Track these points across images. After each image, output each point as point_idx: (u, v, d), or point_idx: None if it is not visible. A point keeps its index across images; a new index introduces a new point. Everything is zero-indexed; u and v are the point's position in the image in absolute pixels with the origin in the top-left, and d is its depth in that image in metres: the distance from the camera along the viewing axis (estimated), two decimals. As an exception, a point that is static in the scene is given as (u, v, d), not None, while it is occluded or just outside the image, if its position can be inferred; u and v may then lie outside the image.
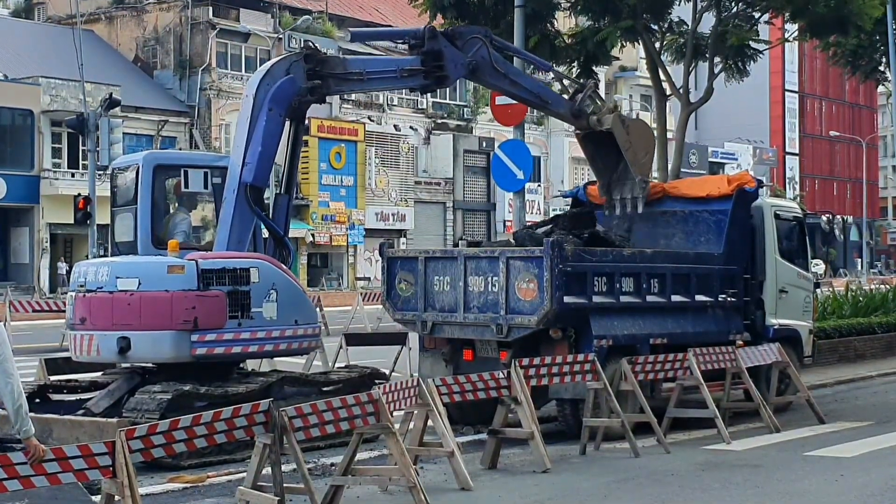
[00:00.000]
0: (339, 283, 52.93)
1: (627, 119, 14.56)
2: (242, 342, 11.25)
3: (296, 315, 11.66)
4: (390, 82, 13.72)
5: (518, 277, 12.17)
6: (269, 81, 11.82)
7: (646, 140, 14.58)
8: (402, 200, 56.30)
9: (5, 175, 43.91)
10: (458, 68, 13.13)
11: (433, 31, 13.14)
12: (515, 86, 13.89)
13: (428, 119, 59.80)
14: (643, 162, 14.33)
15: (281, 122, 11.89)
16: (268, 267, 11.55)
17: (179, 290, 10.91)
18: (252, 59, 52.46)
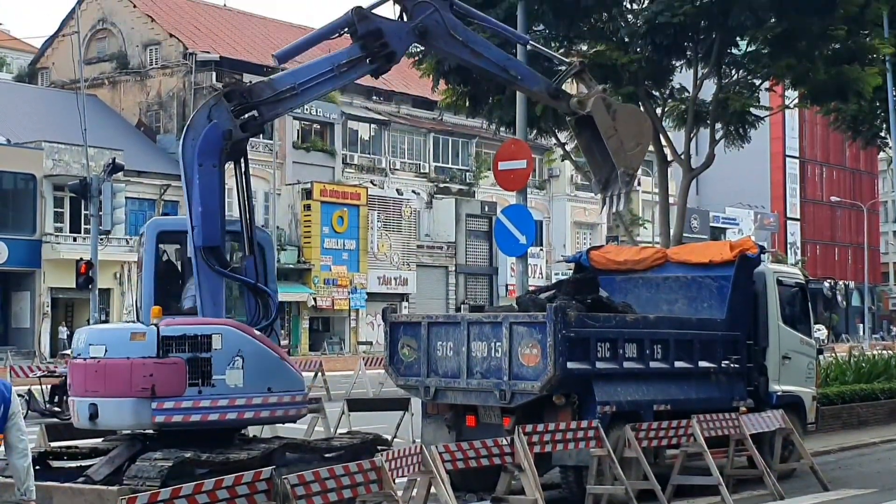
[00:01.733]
0: (341, 348, 52.80)
1: (615, 103, 13.37)
2: (203, 410, 10.94)
3: (269, 382, 11.25)
4: (331, 83, 12.34)
5: (521, 343, 12.13)
6: (192, 136, 11.49)
7: (636, 128, 13.36)
8: (405, 264, 56.36)
9: (7, 239, 44.02)
10: (402, 39, 12.24)
11: (361, 11, 12.14)
12: (477, 56, 12.68)
13: (430, 183, 60.07)
14: (631, 153, 13.18)
15: (216, 173, 11.50)
16: (233, 333, 11.21)
17: (139, 357, 10.82)
18: (255, 124, 52.78)
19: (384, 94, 60.35)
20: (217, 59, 52.08)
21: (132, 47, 54.89)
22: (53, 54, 57.82)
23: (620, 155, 13.08)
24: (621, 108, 13.35)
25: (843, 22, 19.12)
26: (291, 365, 11.79)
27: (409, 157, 60.02)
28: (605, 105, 12.99)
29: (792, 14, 18.61)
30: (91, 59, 54.48)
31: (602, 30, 20.09)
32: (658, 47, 18.67)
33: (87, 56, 53.17)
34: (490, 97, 20.10)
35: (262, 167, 52.36)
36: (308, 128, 55.73)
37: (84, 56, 48.99)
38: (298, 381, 11.78)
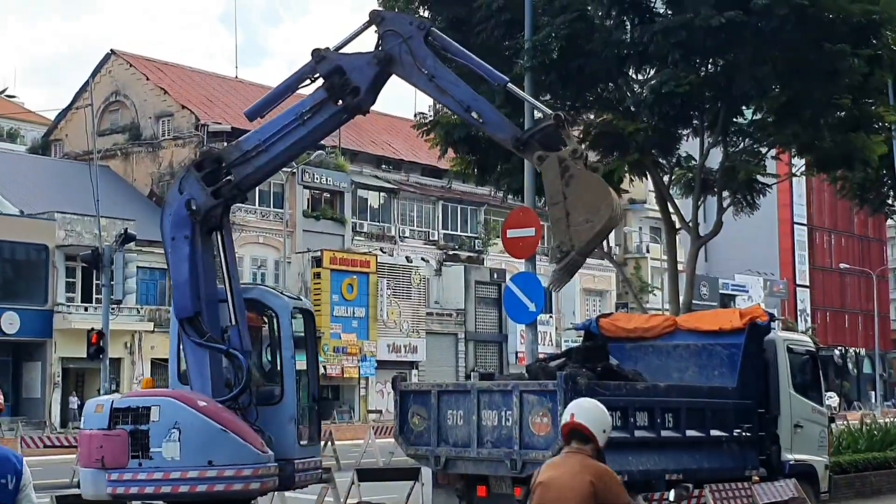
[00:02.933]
0: (351, 416, 52.57)
1: (577, 169, 11.08)
2: (143, 483, 11.00)
3: (209, 455, 10.98)
4: (297, 133, 11.75)
5: (532, 411, 12.09)
6: (168, 211, 11.78)
7: (592, 203, 11.04)
8: (414, 331, 56.31)
9: (19, 310, 44.14)
10: (364, 71, 11.57)
11: (318, 53, 11.69)
12: (442, 92, 11.70)
13: (439, 250, 60.23)
14: (575, 228, 11.06)
15: (187, 244, 11.60)
16: (171, 404, 11.12)
17: (95, 429, 11.21)
18: (266, 193, 53.20)
19: (393, 162, 60.80)
20: (229, 130, 52.56)
21: (145, 119, 55.50)
22: (67, 126, 58.47)
23: (560, 227, 11.18)
24: (582, 177, 11.10)
25: (848, 90, 19.26)
26: (244, 437, 11.19)
27: (419, 224, 60.26)
28: (560, 168, 11.13)
29: (795, 83, 18.79)
30: (104, 130, 55.06)
31: (609, 99, 20.31)
32: (664, 116, 18.85)
33: (100, 128, 53.76)
34: (498, 165, 20.30)
35: (273, 235, 52.63)
36: (318, 196, 56.06)
37: (97, 128, 49.56)
38: (250, 453, 11.18)
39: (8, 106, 71.82)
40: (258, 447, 11.23)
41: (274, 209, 53.47)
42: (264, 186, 53.45)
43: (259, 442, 11.31)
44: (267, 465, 11.27)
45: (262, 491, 11.45)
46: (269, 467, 11.27)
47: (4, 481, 6.24)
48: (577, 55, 18.13)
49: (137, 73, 56.09)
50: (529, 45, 17.67)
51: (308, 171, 54.34)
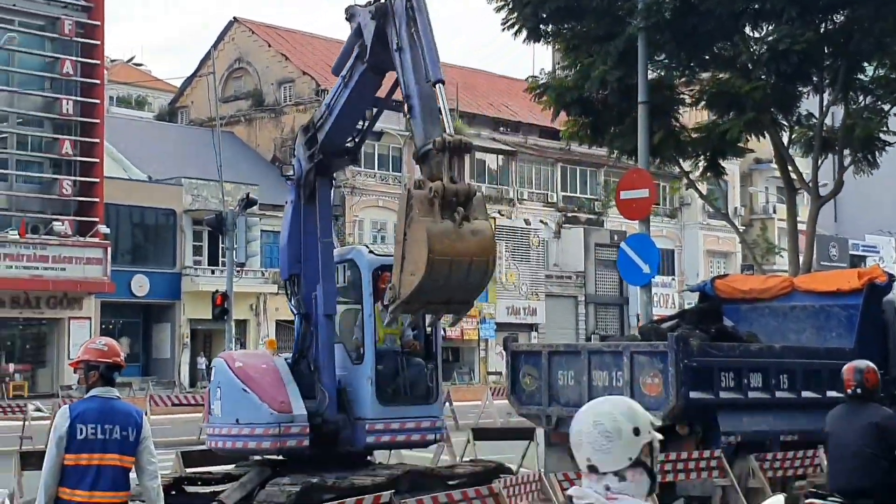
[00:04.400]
0: (471, 378, 53.01)
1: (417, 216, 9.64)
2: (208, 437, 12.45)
3: (237, 413, 11.65)
4: (345, 96, 11.62)
5: (643, 372, 12.14)
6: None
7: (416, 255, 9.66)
8: (533, 294, 56.38)
9: (149, 273, 45.64)
10: (368, 27, 11.23)
11: (348, 10, 11.54)
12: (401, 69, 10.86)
13: (558, 213, 60.04)
14: (405, 278, 9.76)
15: (290, 209, 12.22)
16: (219, 365, 12.14)
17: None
18: (385, 157, 53.76)
19: (511, 124, 60.70)
20: (347, 95, 53.23)
21: (267, 85, 56.48)
22: (192, 93, 59.88)
23: (395, 268, 10.07)
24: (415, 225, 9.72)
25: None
26: (261, 397, 11.51)
27: (537, 187, 60.13)
28: (406, 206, 9.90)
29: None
30: (228, 97, 56.24)
31: (724, 58, 19.96)
32: (782, 74, 18.45)
33: (224, 95, 54.94)
34: (611, 127, 20.17)
35: (392, 199, 53.13)
36: (436, 160, 56.33)
37: (221, 95, 50.69)
38: (265, 413, 11.47)
39: (135, 74, 73.80)
40: (275, 407, 11.47)
41: (392, 172, 54.01)
42: (382, 150, 54.01)
43: (278, 402, 11.50)
44: (284, 425, 11.44)
45: (282, 450, 11.72)
46: (285, 427, 11.43)
47: (126, 433, 6.63)
48: (691, 14, 17.86)
49: (259, 40, 57.06)
50: (643, 6, 17.51)
51: (426, 135, 54.65)
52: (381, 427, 11.86)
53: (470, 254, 9.53)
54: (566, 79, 19.97)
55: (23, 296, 41.59)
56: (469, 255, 9.52)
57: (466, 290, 9.88)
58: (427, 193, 9.62)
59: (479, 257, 9.52)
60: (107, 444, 6.57)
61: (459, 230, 9.59)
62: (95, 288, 42.62)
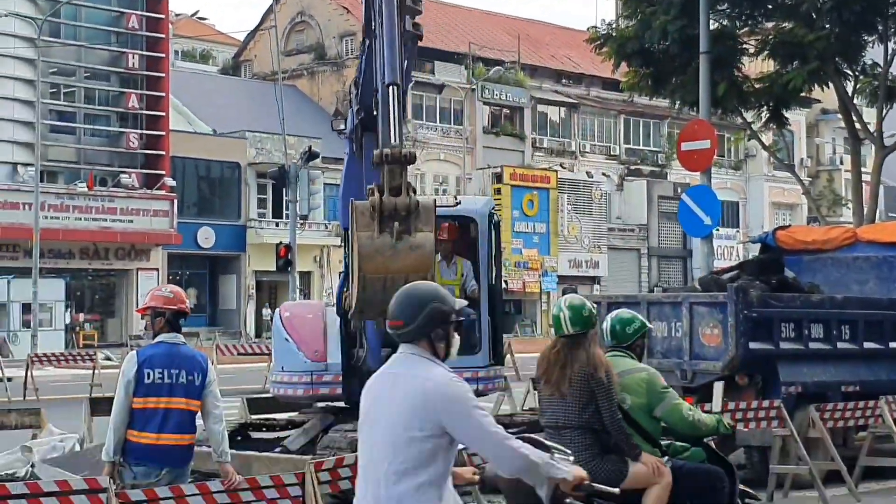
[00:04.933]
0: (533, 330, 53.19)
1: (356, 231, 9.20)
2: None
3: (283, 362, 12.20)
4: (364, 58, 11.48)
5: (702, 323, 12.13)
6: None
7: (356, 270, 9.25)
8: (595, 247, 56.24)
9: (214, 225, 46.25)
10: None
11: None
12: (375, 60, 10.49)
13: (621, 165, 59.68)
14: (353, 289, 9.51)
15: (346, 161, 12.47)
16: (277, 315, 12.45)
17: None
18: (446, 111, 53.71)
19: (573, 76, 60.27)
20: (409, 47, 53.16)
21: (329, 38, 56.58)
22: (255, 47, 60.19)
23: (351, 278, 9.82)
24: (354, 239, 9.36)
25: None
26: (298, 345, 11.93)
27: (600, 139, 59.77)
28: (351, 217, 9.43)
29: None
30: (290, 50, 56.46)
31: (787, 7, 19.64)
32: (845, 23, 18.13)
33: (286, 48, 55.15)
34: (673, 78, 19.99)
35: (453, 152, 53.20)
36: (498, 112, 56.24)
37: (283, 48, 50.92)
38: (300, 362, 11.84)
39: (200, 28, 74.28)
40: (310, 356, 11.83)
41: (454, 126, 53.97)
42: (445, 104, 53.95)
43: (313, 351, 11.84)
44: (317, 373, 11.74)
45: (314, 397, 12.03)
46: (317, 375, 11.75)
47: (192, 377, 6.84)
48: (754, -39, 17.60)
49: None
50: (706, -47, 17.24)
51: (487, 88, 54.50)
52: None
53: (406, 270, 9.07)
54: (627, 29, 19.80)
55: (92, 247, 42.41)
56: (405, 271, 9.05)
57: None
58: (366, 206, 9.23)
59: (416, 273, 8.94)
60: (173, 388, 6.78)
61: (396, 246, 9.17)
62: (162, 240, 43.33)
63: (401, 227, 9.07)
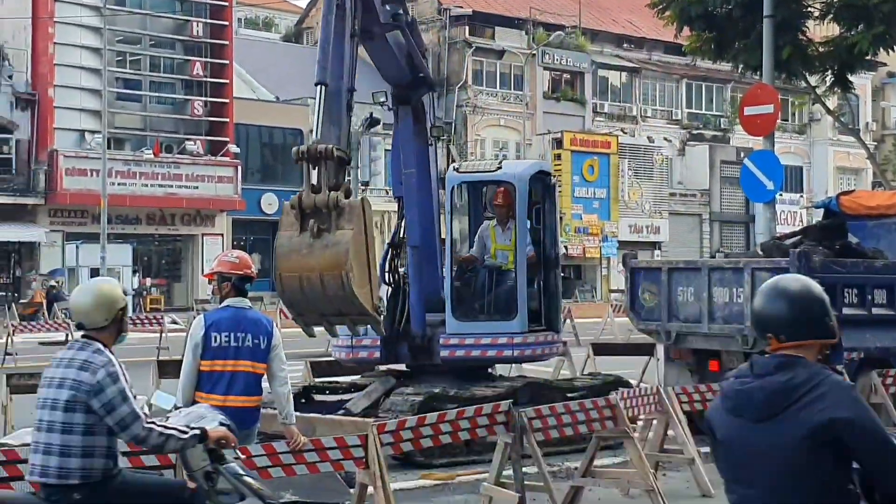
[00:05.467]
0: (593, 295, 53.08)
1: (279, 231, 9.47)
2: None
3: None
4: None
5: (764, 289, 12.10)
6: None
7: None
8: (657, 212, 55.88)
9: (277, 191, 46.66)
10: None
11: None
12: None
13: (683, 130, 59.12)
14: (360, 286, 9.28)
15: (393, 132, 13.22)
16: None
17: None
18: (506, 76, 53.51)
19: (635, 41, 59.69)
20: (470, 14, 52.96)
21: (389, 4, 56.50)
22: (317, 14, 60.29)
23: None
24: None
25: None
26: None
27: (661, 104, 59.22)
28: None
29: None
30: (351, 17, 56.45)
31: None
32: (915, -16, 17.79)
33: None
34: (736, 42, 19.76)
35: (513, 118, 53.04)
36: (558, 77, 55.94)
37: (344, 14, 50.85)
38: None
39: (262, -4, 74.58)
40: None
41: (514, 91, 53.77)
42: (505, 69, 53.75)
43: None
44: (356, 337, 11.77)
45: (354, 360, 12.47)
46: (356, 339, 11.92)
47: (258, 341, 7.00)
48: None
49: (381, -41, 57.01)
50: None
51: (548, 53, 54.19)
52: (456, 342, 11.93)
53: (319, 268, 9.10)
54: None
55: (158, 213, 43.04)
56: (318, 269, 9.11)
57: (343, 303, 9.24)
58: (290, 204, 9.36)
59: (330, 271, 9.06)
60: (239, 351, 6.94)
61: (312, 244, 9.17)
62: (227, 205, 43.85)
63: (322, 225, 9.03)
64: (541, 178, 12.68)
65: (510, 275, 12.13)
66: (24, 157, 40.94)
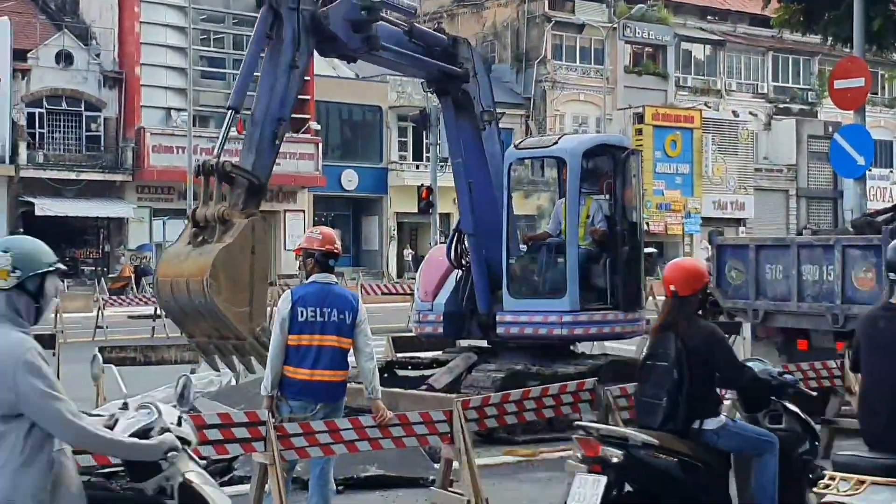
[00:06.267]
0: (675, 273, 52.53)
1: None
2: None
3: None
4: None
5: (855, 266, 11.85)
6: None
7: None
8: (741, 188, 55.06)
9: (358, 167, 46.95)
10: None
11: None
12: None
13: (769, 104, 58.10)
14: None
15: None
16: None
17: None
18: (587, 50, 53.03)
19: (719, 13, 58.72)
20: (549, -12, 52.57)
21: (469, -21, 56.34)
22: (396, -10, 60.34)
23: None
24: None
25: None
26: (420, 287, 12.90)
27: (746, 77, 58.22)
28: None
29: None
30: (428, -7, 56.47)
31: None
32: None
33: (427, -10, 55.08)
34: (826, 13, 19.29)
35: (594, 92, 52.56)
36: (640, 51, 55.29)
37: (424, -10, 50.82)
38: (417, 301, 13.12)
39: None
40: (421, 296, 12.71)
41: (594, 66, 53.25)
42: (585, 43, 53.26)
43: (424, 292, 12.68)
44: (423, 312, 12.61)
45: (421, 335, 12.90)
46: (423, 314, 12.62)
47: (343, 316, 7.03)
48: None
49: (462, -67, 56.83)
50: None
51: (629, 26, 53.56)
52: (511, 319, 11.89)
53: (185, 274, 9.53)
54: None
55: (240, 190, 43.54)
56: (184, 275, 9.53)
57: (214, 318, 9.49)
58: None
59: (194, 277, 9.43)
60: (325, 326, 6.99)
61: (190, 253, 9.72)
62: (308, 182, 44.22)
63: (208, 238, 9.65)
64: (609, 152, 12.45)
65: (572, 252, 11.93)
66: (112, 134, 41.70)
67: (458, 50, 12.48)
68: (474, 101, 12.48)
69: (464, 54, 12.50)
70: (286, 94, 10.82)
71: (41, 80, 40.39)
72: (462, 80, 12.44)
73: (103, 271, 39.75)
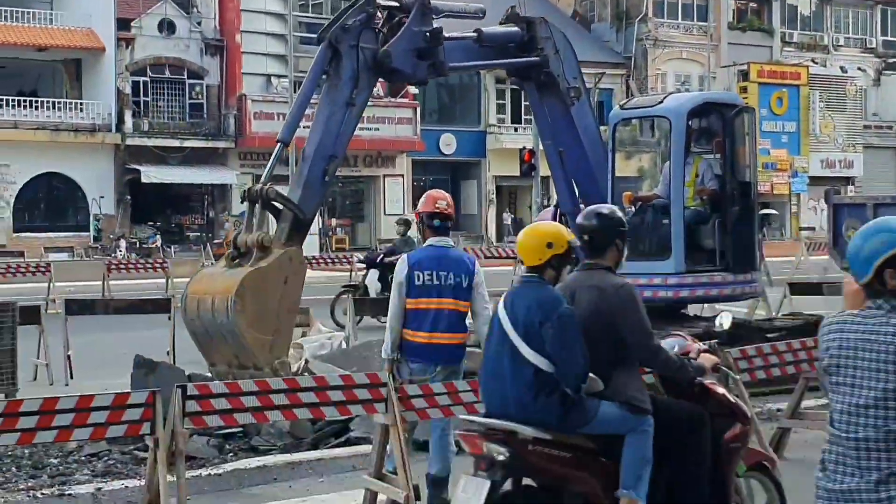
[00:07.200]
0: (782, 233, 51.56)
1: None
2: None
3: None
4: None
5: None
6: None
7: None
8: (850, 146, 53.67)
9: (456, 131, 46.87)
10: None
11: None
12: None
13: (878, 59, 56.44)
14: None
15: None
16: None
17: None
18: (689, 7, 52.03)
19: (826, -35, 57.12)
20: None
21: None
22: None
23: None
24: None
25: None
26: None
27: (854, 32, 56.57)
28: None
29: None
30: (528, -48, 55.83)
31: None
32: None
33: (524, -50, 54.48)
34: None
35: (697, 50, 51.60)
36: (744, 6, 54.05)
37: (521, -50, 50.29)
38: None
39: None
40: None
41: (697, 22, 52.24)
42: (687, 0, 52.24)
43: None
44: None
45: None
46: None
47: (459, 279, 7.00)
48: None
49: None
50: None
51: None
52: None
53: (214, 292, 9.71)
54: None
55: (341, 155, 43.84)
56: (211, 293, 9.73)
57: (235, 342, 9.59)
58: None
59: (221, 295, 9.61)
60: (442, 289, 6.97)
61: (224, 273, 10.04)
62: (407, 146, 44.31)
63: (244, 262, 9.94)
64: (717, 110, 12.13)
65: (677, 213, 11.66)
66: (214, 102, 42.27)
67: (535, 32, 12.36)
68: (558, 78, 12.36)
69: (541, 34, 12.37)
70: (340, 132, 10.76)
71: (144, 48, 41.08)
72: (542, 66, 12.30)
73: (208, 237, 40.43)
